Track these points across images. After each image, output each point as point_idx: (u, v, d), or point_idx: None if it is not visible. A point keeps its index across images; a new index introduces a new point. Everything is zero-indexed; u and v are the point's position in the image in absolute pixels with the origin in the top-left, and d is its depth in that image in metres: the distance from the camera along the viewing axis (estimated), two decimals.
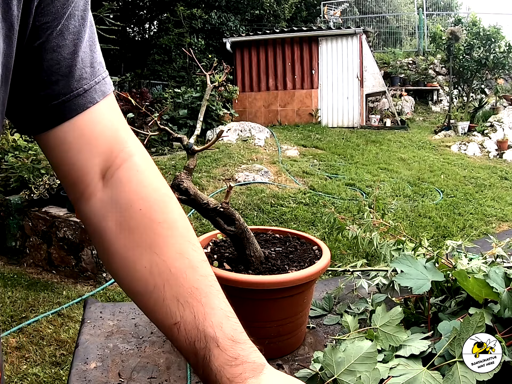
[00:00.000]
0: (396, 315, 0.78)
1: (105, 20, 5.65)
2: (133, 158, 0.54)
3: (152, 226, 0.51)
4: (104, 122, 0.52)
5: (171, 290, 0.50)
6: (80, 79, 0.49)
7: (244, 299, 0.88)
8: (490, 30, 9.60)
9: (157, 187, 0.54)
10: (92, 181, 0.52)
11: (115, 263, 0.52)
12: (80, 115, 0.49)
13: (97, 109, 0.51)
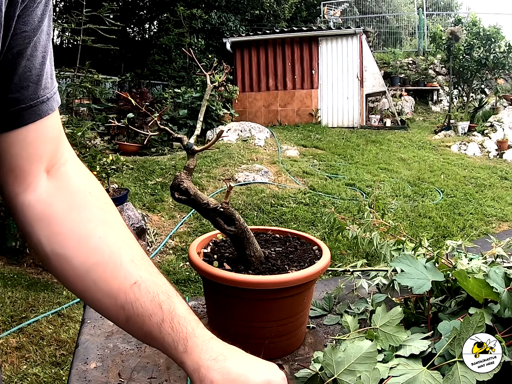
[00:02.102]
0: (396, 315, 0.78)
1: (105, 20, 5.64)
2: (72, 159, 0.62)
3: (101, 205, 0.59)
4: (55, 127, 0.59)
5: (126, 253, 0.56)
6: (45, 88, 0.55)
7: (244, 299, 0.88)
8: (490, 30, 9.60)
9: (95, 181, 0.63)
10: (39, 174, 0.57)
11: (68, 242, 0.55)
12: (42, 119, 0.55)
13: (53, 115, 0.58)
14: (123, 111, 7.22)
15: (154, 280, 0.56)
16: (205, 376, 0.52)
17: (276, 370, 0.57)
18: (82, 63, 5.76)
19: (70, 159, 0.61)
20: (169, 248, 4.16)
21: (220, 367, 0.53)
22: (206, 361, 0.53)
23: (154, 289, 0.55)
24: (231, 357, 0.54)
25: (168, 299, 0.55)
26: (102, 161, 3.89)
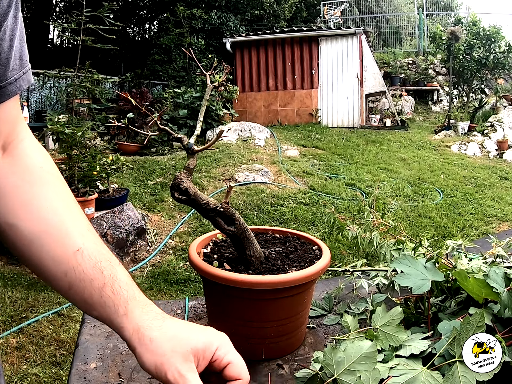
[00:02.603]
0: (396, 315, 0.78)
1: (105, 20, 5.64)
2: (28, 139, 0.64)
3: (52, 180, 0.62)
4: (16, 107, 0.61)
5: (73, 224, 0.60)
6: (13, 69, 0.57)
7: (244, 299, 0.88)
8: (490, 30, 9.60)
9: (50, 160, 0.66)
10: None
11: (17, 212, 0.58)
12: (9, 100, 0.58)
13: (16, 96, 0.60)
14: (123, 111, 7.22)
15: (98, 249, 0.59)
16: (144, 334, 0.53)
17: (215, 332, 0.57)
18: (82, 63, 5.76)
19: (26, 138, 0.63)
20: (169, 248, 4.16)
21: (159, 325, 0.54)
22: (146, 321, 0.54)
23: (96, 256, 0.57)
24: (170, 319, 0.56)
25: (110, 266, 0.57)
26: (102, 161, 3.89)
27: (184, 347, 0.53)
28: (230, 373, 0.54)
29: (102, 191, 4.07)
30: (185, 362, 0.52)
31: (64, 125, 3.66)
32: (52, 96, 8.26)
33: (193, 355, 0.53)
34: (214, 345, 0.54)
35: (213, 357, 0.54)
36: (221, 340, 0.56)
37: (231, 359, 0.54)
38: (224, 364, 0.54)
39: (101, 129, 5.99)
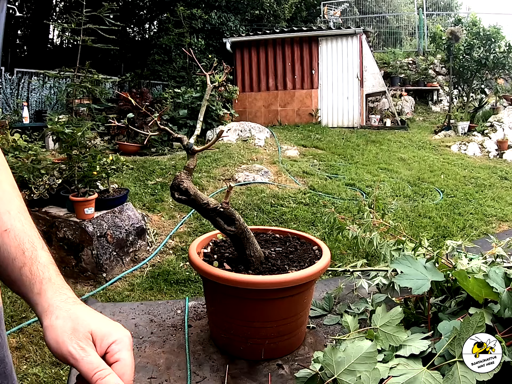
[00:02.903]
0: (396, 315, 0.78)
1: (105, 20, 5.64)
2: None
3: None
4: None
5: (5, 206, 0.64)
6: None
7: (244, 299, 0.88)
8: (490, 30, 9.60)
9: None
10: None
11: None
12: None
13: None
14: (123, 111, 7.22)
15: (24, 230, 0.63)
16: (52, 312, 0.57)
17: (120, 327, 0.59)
18: (82, 63, 5.76)
19: None
20: (169, 248, 4.16)
21: (68, 308, 0.58)
22: (56, 301, 0.59)
23: (22, 237, 0.62)
24: (81, 304, 0.60)
25: (32, 248, 0.62)
26: (102, 161, 3.89)
27: (85, 328, 0.56)
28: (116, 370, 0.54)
29: (102, 191, 4.07)
30: (84, 339, 0.55)
31: (64, 125, 3.66)
32: (52, 96, 8.26)
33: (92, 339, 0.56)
34: (113, 337, 0.56)
35: (108, 348, 0.56)
36: (121, 336, 0.57)
37: (122, 357, 0.55)
38: (114, 359, 0.55)
39: (101, 129, 5.98)
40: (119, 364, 0.54)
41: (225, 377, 0.87)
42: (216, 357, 0.94)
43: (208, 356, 0.94)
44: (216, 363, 0.92)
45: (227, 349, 0.93)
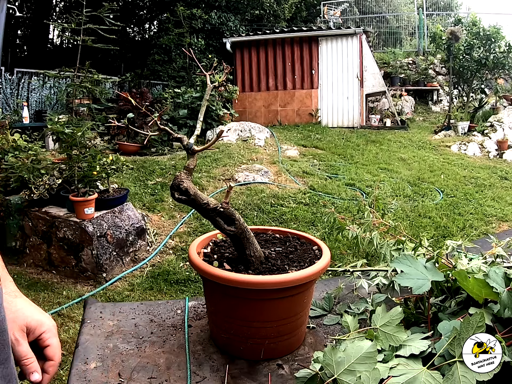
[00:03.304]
0: (396, 315, 0.78)
1: (105, 20, 5.64)
2: None
3: None
4: None
5: None
6: None
7: (244, 299, 0.88)
8: (490, 30, 9.60)
9: None
10: None
11: None
12: None
13: None
14: (123, 111, 7.22)
15: None
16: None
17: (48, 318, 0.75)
18: (82, 63, 5.75)
19: None
20: (169, 248, 4.16)
21: (10, 300, 0.70)
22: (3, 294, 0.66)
23: None
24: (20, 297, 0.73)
25: None
26: (102, 161, 3.89)
27: (22, 321, 0.70)
28: (48, 353, 0.73)
29: (102, 191, 4.07)
30: (19, 331, 0.70)
31: (64, 125, 3.66)
32: (52, 96, 8.26)
33: (27, 328, 0.71)
34: (44, 327, 0.73)
35: (40, 336, 0.72)
36: (50, 326, 0.74)
37: (51, 343, 0.73)
38: (46, 344, 0.73)
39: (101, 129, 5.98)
40: (50, 348, 0.73)
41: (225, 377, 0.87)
42: (216, 357, 0.94)
43: (208, 356, 0.94)
44: (216, 363, 0.92)
45: (227, 349, 0.93)
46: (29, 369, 0.69)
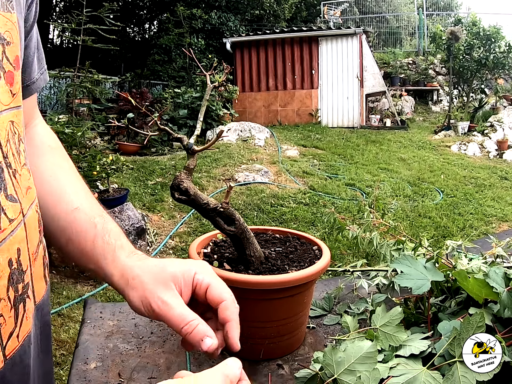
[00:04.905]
0: (396, 315, 0.78)
1: (105, 20, 5.64)
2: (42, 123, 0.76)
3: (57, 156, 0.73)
4: (34, 99, 0.72)
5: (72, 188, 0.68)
6: (35, 71, 0.66)
7: (244, 299, 0.88)
8: (490, 30, 9.60)
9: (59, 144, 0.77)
10: None
11: None
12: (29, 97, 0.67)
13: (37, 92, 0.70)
14: (123, 111, 7.22)
15: (92, 207, 0.66)
16: (129, 275, 0.56)
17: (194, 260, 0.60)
18: (82, 63, 5.76)
19: (40, 123, 0.75)
20: (169, 248, 4.16)
21: (140, 264, 0.57)
22: (129, 262, 0.58)
23: (91, 213, 0.64)
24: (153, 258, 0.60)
25: (103, 221, 0.64)
26: (102, 161, 3.89)
27: (163, 275, 0.54)
28: (211, 296, 0.54)
29: (102, 191, 4.07)
30: (166, 290, 0.53)
31: (64, 125, 3.66)
32: (52, 96, 8.26)
33: (173, 282, 0.54)
34: (192, 270, 0.55)
35: (193, 282, 0.55)
36: (200, 266, 0.57)
37: (209, 281, 0.55)
38: (204, 288, 0.54)
39: (101, 129, 5.99)
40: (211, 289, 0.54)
41: None
42: None
43: (208, 356, 0.94)
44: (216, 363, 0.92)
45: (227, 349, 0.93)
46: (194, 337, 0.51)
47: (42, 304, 0.59)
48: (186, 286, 0.54)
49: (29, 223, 0.54)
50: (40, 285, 0.58)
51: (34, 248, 0.55)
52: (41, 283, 0.58)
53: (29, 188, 0.56)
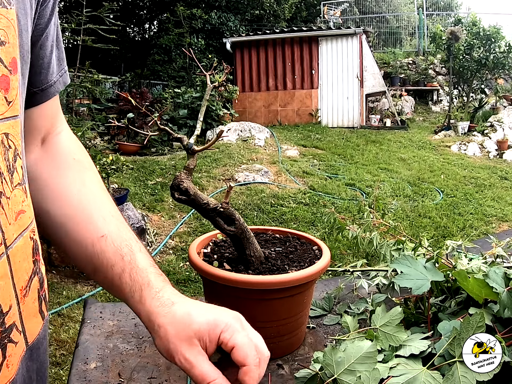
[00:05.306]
0: (396, 315, 0.78)
1: (105, 20, 5.64)
2: (65, 132, 0.70)
3: (82, 170, 0.67)
4: (55, 105, 0.66)
5: (98, 211, 0.62)
6: (53, 72, 0.61)
7: (244, 299, 0.88)
8: (490, 30, 9.60)
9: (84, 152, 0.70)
10: (35, 142, 0.64)
11: (47, 196, 0.62)
12: (47, 101, 0.62)
13: (56, 96, 0.64)
14: (123, 111, 7.22)
15: (120, 234, 0.61)
16: (154, 322, 0.54)
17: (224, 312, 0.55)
18: (82, 63, 5.76)
19: (64, 131, 0.69)
20: (169, 248, 4.16)
21: (167, 311, 0.54)
22: (155, 307, 0.55)
23: (119, 242, 0.60)
24: (179, 301, 0.55)
25: (130, 252, 0.59)
26: (102, 161, 3.89)
27: (188, 332, 0.52)
28: (235, 357, 0.51)
29: None
30: (190, 347, 0.51)
31: None
32: None
33: (198, 339, 0.52)
34: (219, 327, 0.52)
35: (219, 340, 0.52)
36: (228, 321, 0.53)
37: (235, 343, 0.51)
38: (229, 348, 0.51)
39: (101, 129, 5.99)
40: (235, 351, 0.51)
41: None
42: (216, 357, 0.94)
43: None
44: None
45: None
46: None
47: (37, 343, 0.53)
48: (211, 342, 0.52)
49: (15, 255, 0.47)
50: (34, 322, 0.52)
51: (24, 283, 0.49)
52: (36, 320, 0.52)
53: (22, 212, 0.49)
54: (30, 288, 0.51)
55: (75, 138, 0.71)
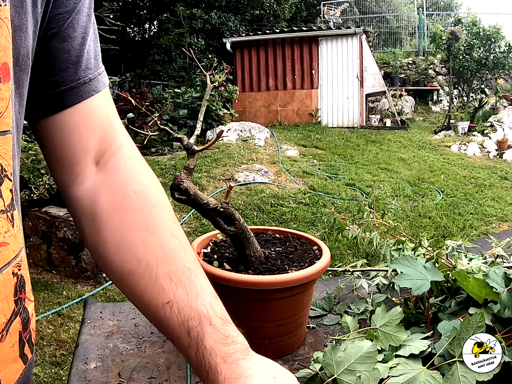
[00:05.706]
0: (396, 315, 0.78)
1: (105, 20, 5.64)
2: (125, 148, 0.57)
3: (147, 208, 0.54)
4: (102, 111, 0.55)
5: (164, 268, 0.52)
6: (86, 68, 0.53)
7: (244, 299, 0.88)
8: (490, 30, 9.60)
9: (150, 174, 0.58)
10: (87, 165, 0.54)
11: (107, 244, 0.53)
12: (83, 102, 0.53)
13: (98, 97, 0.54)
14: (123, 111, 7.21)
15: (189, 302, 0.51)
16: None
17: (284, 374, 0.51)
18: None
19: (123, 147, 0.57)
20: None
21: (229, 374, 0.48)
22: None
23: (186, 312, 0.51)
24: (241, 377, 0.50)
25: (199, 326, 0.50)
26: None
27: None
28: None
29: None
30: None
31: None
32: None
33: None
34: None
35: None
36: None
37: None
38: None
39: None
40: None
41: None
42: None
43: None
44: None
45: None
46: None
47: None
48: None
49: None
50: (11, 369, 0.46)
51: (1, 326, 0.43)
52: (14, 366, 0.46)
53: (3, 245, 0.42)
54: (9, 331, 0.44)
55: (139, 156, 0.58)
